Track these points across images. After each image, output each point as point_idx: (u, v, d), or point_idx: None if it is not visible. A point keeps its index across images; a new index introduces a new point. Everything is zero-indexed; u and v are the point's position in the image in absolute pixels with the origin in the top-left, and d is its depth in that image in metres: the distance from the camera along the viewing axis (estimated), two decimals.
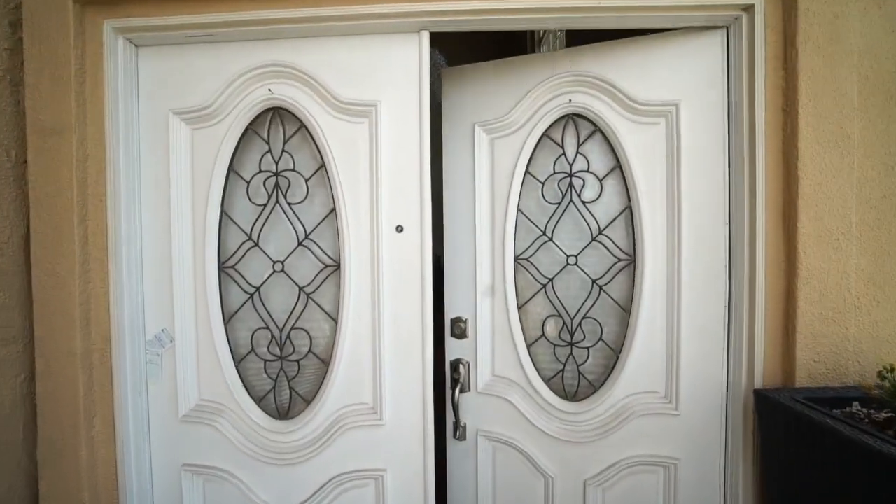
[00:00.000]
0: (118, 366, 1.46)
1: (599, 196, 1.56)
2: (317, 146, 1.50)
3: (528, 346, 1.63)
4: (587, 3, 1.35)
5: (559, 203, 1.60)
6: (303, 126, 1.51)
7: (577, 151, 1.57)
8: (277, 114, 1.52)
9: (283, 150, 1.53)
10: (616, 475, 1.55)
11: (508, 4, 1.36)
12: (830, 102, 1.30)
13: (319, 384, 1.53)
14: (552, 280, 1.61)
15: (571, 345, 1.60)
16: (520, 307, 1.63)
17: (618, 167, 1.54)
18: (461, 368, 1.65)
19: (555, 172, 1.59)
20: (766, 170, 1.35)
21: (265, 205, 1.54)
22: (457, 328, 1.68)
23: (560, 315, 1.61)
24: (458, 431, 1.67)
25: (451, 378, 1.67)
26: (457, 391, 1.64)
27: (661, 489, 1.53)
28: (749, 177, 1.38)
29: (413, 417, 1.50)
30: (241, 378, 1.55)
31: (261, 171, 1.53)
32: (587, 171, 1.57)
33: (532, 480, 1.62)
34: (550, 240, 1.61)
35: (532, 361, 1.62)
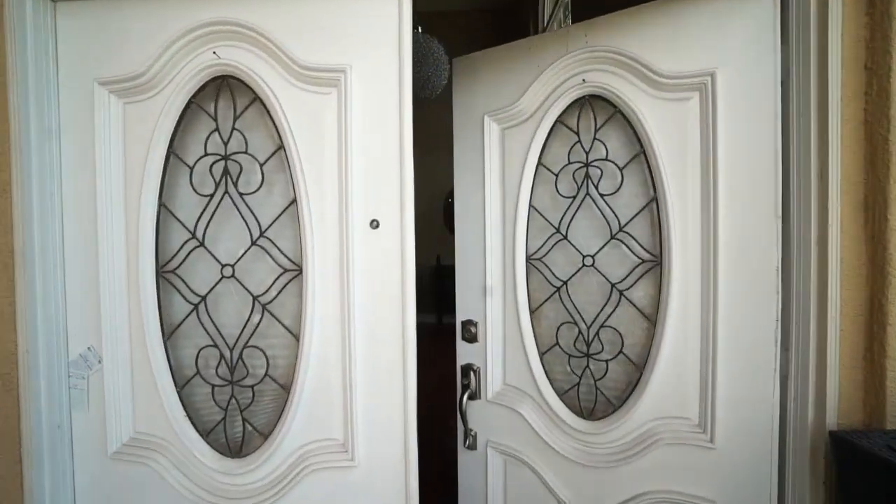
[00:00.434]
0: (26, 395, 1.18)
1: (620, 187, 1.38)
2: (274, 123, 1.23)
3: (541, 355, 1.49)
4: None
5: (574, 196, 1.44)
6: (257, 98, 1.24)
7: (595, 137, 1.40)
8: (227, 84, 1.25)
9: (234, 129, 1.26)
10: None
11: None
12: None
13: (279, 415, 1.26)
14: (567, 283, 1.46)
15: (588, 356, 1.44)
16: (532, 311, 1.50)
17: (641, 153, 1.34)
18: (472, 374, 1.58)
19: (570, 162, 1.44)
20: (842, 147, 1.06)
21: (212, 195, 1.26)
22: (467, 331, 1.59)
23: (575, 322, 1.45)
24: (469, 440, 1.59)
25: (461, 384, 1.59)
26: (465, 398, 1.56)
27: None
28: (818, 157, 1.09)
29: (392, 457, 1.22)
30: (185, 406, 1.28)
31: (207, 155, 1.26)
32: (605, 160, 1.39)
33: (544, 500, 1.46)
34: (565, 237, 1.45)
35: (545, 372, 1.48)
